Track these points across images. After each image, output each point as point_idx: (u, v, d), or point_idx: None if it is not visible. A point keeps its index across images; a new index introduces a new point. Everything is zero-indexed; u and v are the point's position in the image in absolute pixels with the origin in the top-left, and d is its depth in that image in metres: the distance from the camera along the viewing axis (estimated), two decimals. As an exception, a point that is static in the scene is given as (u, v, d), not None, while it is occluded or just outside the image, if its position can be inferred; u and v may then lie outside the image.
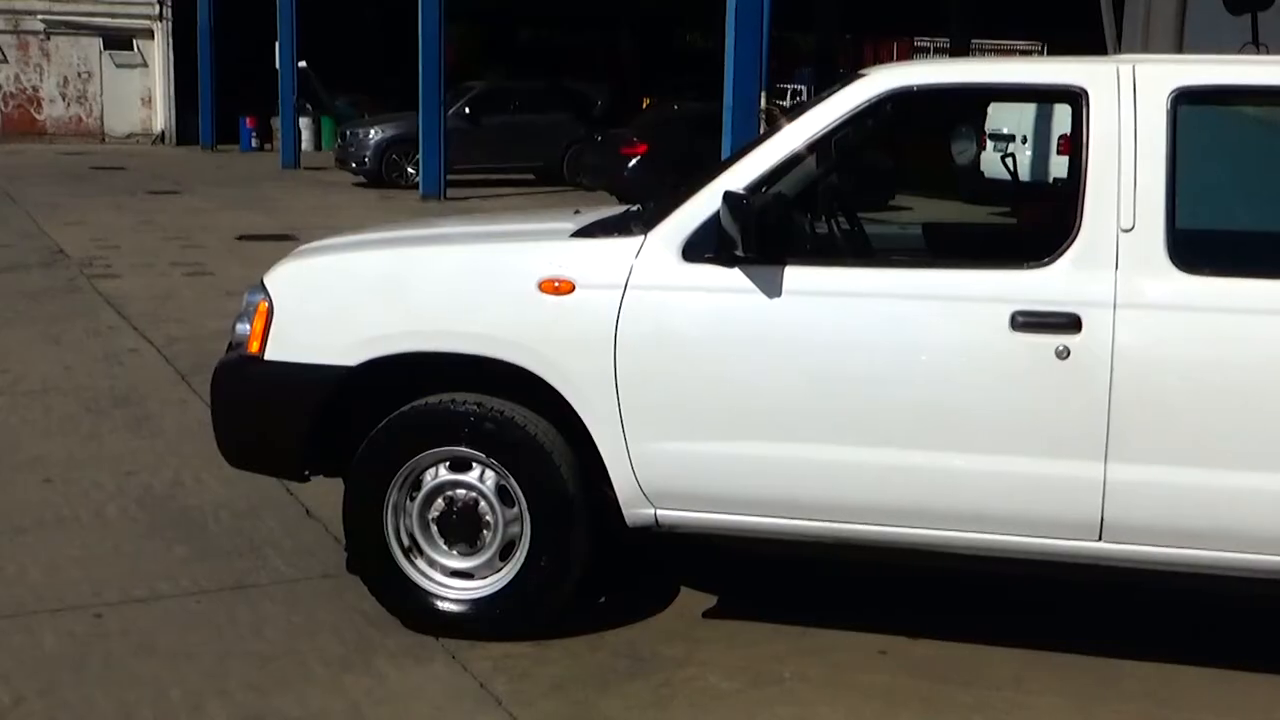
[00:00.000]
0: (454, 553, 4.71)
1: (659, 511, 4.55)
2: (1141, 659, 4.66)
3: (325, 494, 5.46)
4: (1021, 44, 37.84)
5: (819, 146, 4.52)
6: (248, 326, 4.82)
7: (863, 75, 4.55)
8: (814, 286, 4.36)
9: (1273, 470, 4.09)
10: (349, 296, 4.76)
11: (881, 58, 33.19)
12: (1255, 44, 8.40)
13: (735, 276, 4.35)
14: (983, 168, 20.57)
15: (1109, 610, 5.12)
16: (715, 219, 4.32)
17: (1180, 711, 4.35)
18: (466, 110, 23.62)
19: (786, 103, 25.96)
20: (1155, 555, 4.27)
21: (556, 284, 4.48)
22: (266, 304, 4.77)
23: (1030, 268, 4.24)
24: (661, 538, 4.68)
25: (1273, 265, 4.35)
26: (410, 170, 22.97)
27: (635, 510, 4.56)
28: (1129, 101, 4.22)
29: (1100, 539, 4.25)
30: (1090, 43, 9.15)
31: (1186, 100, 4.24)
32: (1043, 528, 4.30)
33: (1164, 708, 4.37)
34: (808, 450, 4.37)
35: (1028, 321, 4.17)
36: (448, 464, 4.66)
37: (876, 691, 4.44)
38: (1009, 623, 4.98)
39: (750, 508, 4.48)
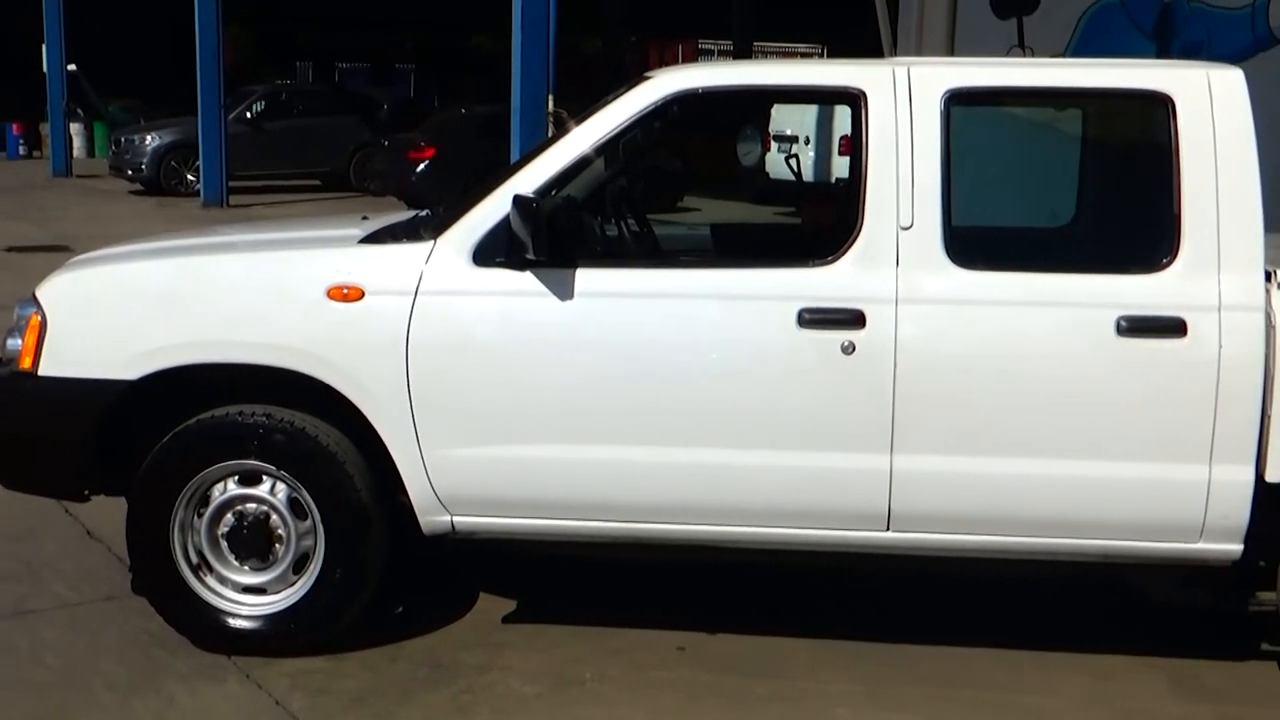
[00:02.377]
0: (245, 568, 4.60)
1: (455, 518, 4.52)
2: (929, 643, 4.81)
3: (107, 514, 5.26)
4: (802, 47, 38.67)
5: (607, 149, 4.54)
6: (19, 341, 4.62)
7: (648, 78, 4.59)
8: (605, 288, 4.38)
9: (1046, 456, 4.27)
10: (128, 308, 4.60)
11: (667, 60, 33.54)
12: (1021, 47, 8.74)
13: (527, 280, 4.35)
14: (767, 168, 20.97)
15: (898, 598, 5.28)
16: (505, 223, 4.31)
17: (965, 691, 4.50)
18: (248, 115, 23.08)
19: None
20: (941, 542, 4.42)
21: (345, 291, 4.41)
22: (39, 317, 4.59)
23: (815, 266, 4.34)
24: (459, 544, 4.65)
25: (1038, 259, 4.54)
26: (190, 177, 22.30)
27: (431, 518, 4.52)
28: (904, 103, 4.35)
29: (888, 529, 4.37)
30: (868, 45, 9.39)
31: (958, 101, 4.39)
32: (833, 520, 4.40)
33: (950, 688, 4.52)
34: (603, 452, 4.39)
35: (814, 318, 4.27)
36: (237, 478, 4.55)
37: (676, 688, 4.49)
38: (803, 614, 5.09)
39: (547, 511, 4.48)
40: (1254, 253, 4.19)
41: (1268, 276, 4.19)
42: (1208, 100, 4.27)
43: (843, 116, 15.24)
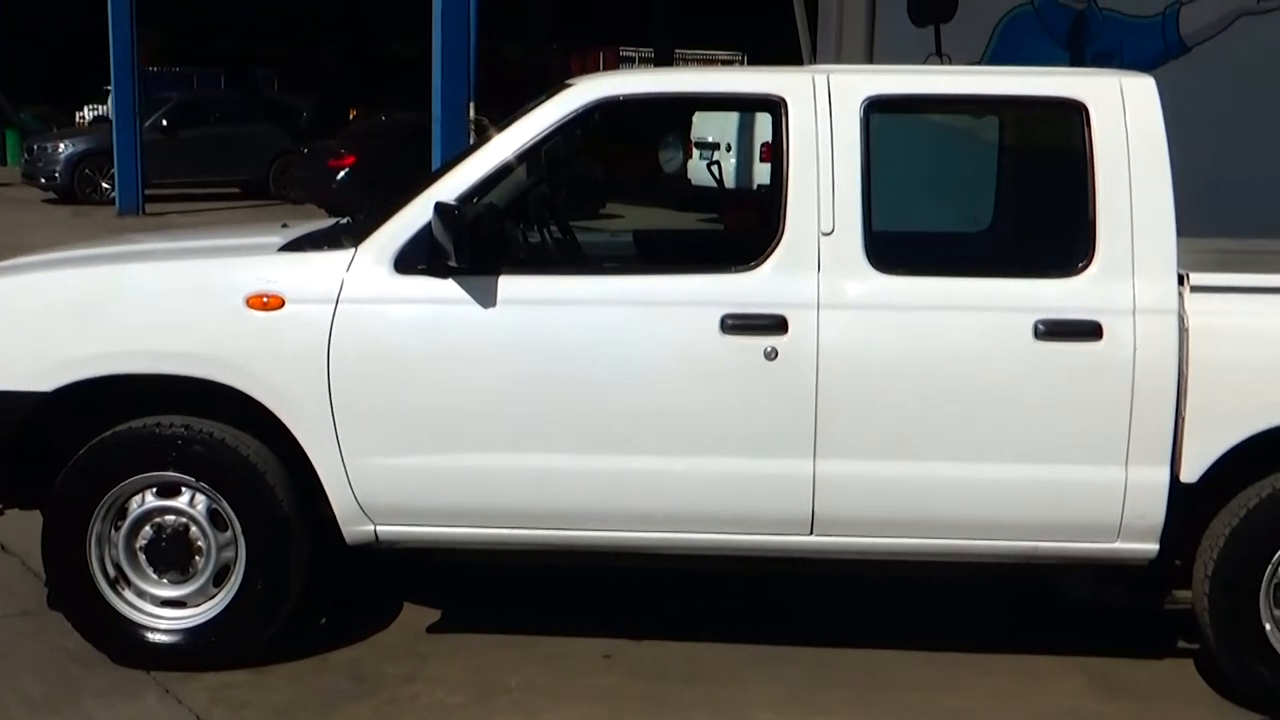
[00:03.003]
0: (164, 581, 4.54)
1: (379, 528, 4.48)
2: (853, 646, 4.84)
3: (22, 528, 5.15)
4: (723, 54, 38.83)
5: (529, 156, 4.53)
6: (-71, 353, 4.52)
7: (570, 85, 4.59)
8: (528, 295, 4.37)
9: (967, 459, 4.32)
10: (42, 318, 4.52)
11: (588, 67, 33.54)
12: (939, 55, 8.84)
13: (449, 287, 4.33)
14: (690, 175, 21.03)
15: (822, 601, 5.31)
16: (427, 230, 4.29)
17: (888, 692, 4.54)
18: (164, 122, 22.78)
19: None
20: (864, 545, 4.45)
21: (265, 299, 4.36)
22: (-50, 328, 4.49)
23: (737, 272, 4.36)
24: (383, 554, 4.62)
25: (957, 263, 4.60)
26: (105, 185, 21.96)
27: (354, 527, 4.49)
28: (825, 110, 4.38)
29: (812, 533, 4.40)
30: (788, 53, 9.45)
31: (878, 108, 4.43)
32: (758, 525, 4.42)
33: (874, 690, 4.55)
34: (528, 459, 4.38)
35: (736, 324, 4.28)
36: (155, 490, 4.49)
37: (603, 695, 4.48)
38: (728, 619, 5.10)
39: (472, 519, 4.46)
40: (1167, 257, 4.26)
41: (1180, 280, 4.27)
42: (1121, 107, 4.34)
43: (764, 123, 15.33)
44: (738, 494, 4.38)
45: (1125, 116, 4.33)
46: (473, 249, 4.23)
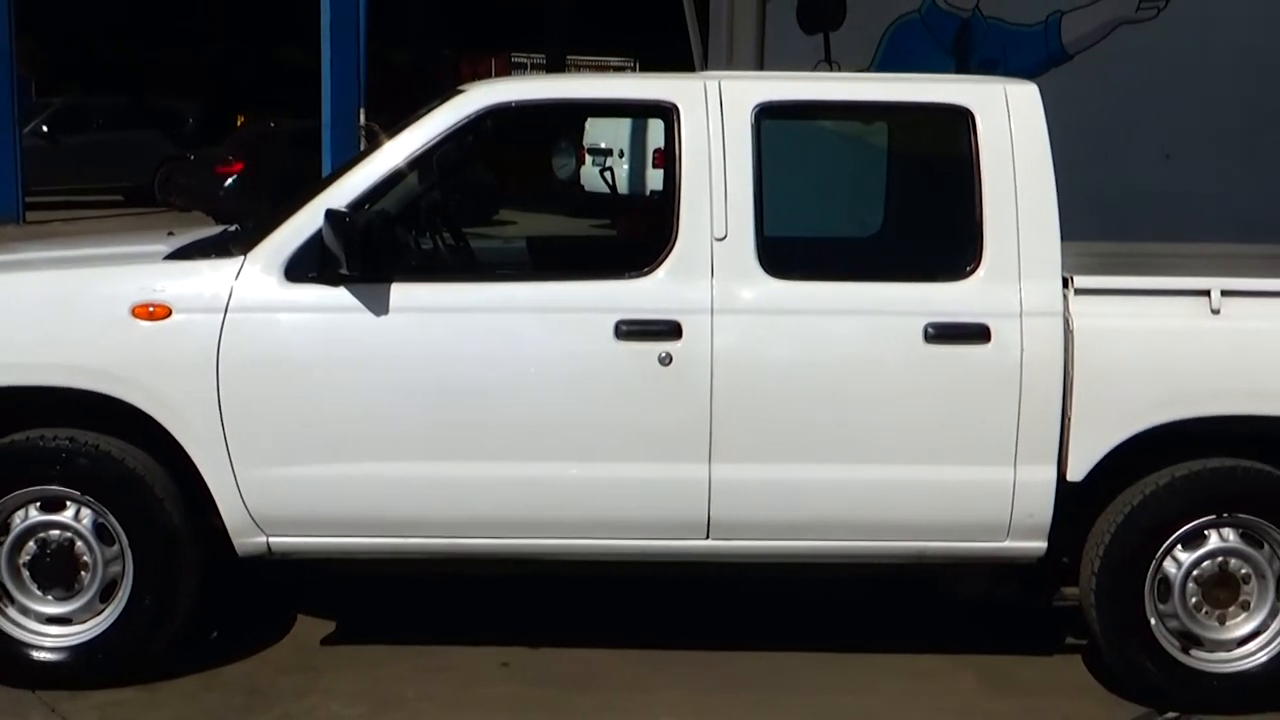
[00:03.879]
0: (49, 598, 4.43)
1: (271, 539, 4.42)
2: (750, 649, 4.86)
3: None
4: (615, 60, 38.90)
5: (421, 163, 4.51)
6: None
7: (461, 91, 4.57)
8: (421, 303, 4.34)
9: (860, 461, 4.36)
10: (-82, 330, 4.40)
11: (479, 73, 33.40)
12: (828, 61, 8.93)
13: (340, 295, 4.29)
14: (582, 181, 21.03)
15: (719, 604, 5.33)
16: (317, 238, 4.24)
17: (785, 695, 4.57)
18: (44, 128, 22.26)
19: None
20: (760, 549, 4.48)
21: (151, 309, 4.28)
22: None
23: (631, 278, 4.36)
24: (275, 565, 4.55)
25: (848, 268, 4.65)
26: (-16, 193, 21.42)
27: (246, 539, 4.42)
28: (716, 116, 4.41)
29: (708, 537, 4.41)
30: (679, 59, 9.49)
31: (769, 114, 4.47)
32: (654, 530, 4.43)
33: (772, 692, 4.58)
34: (423, 468, 4.35)
35: (631, 330, 4.29)
36: (39, 504, 4.38)
37: (501, 704, 4.46)
38: (626, 624, 5.10)
39: (367, 529, 4.42)
40: (1052, 260, 4.34)
41: (1065, 282, 4.35)
42: (1005, 113, 4.42)
43: (656, 129, 15.39)
44: (634, 499, 4.38)
45: (1010, 122, 4.41)
46: (364, 256, 4.20)
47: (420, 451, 4.35)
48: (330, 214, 4.19)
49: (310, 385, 4.32)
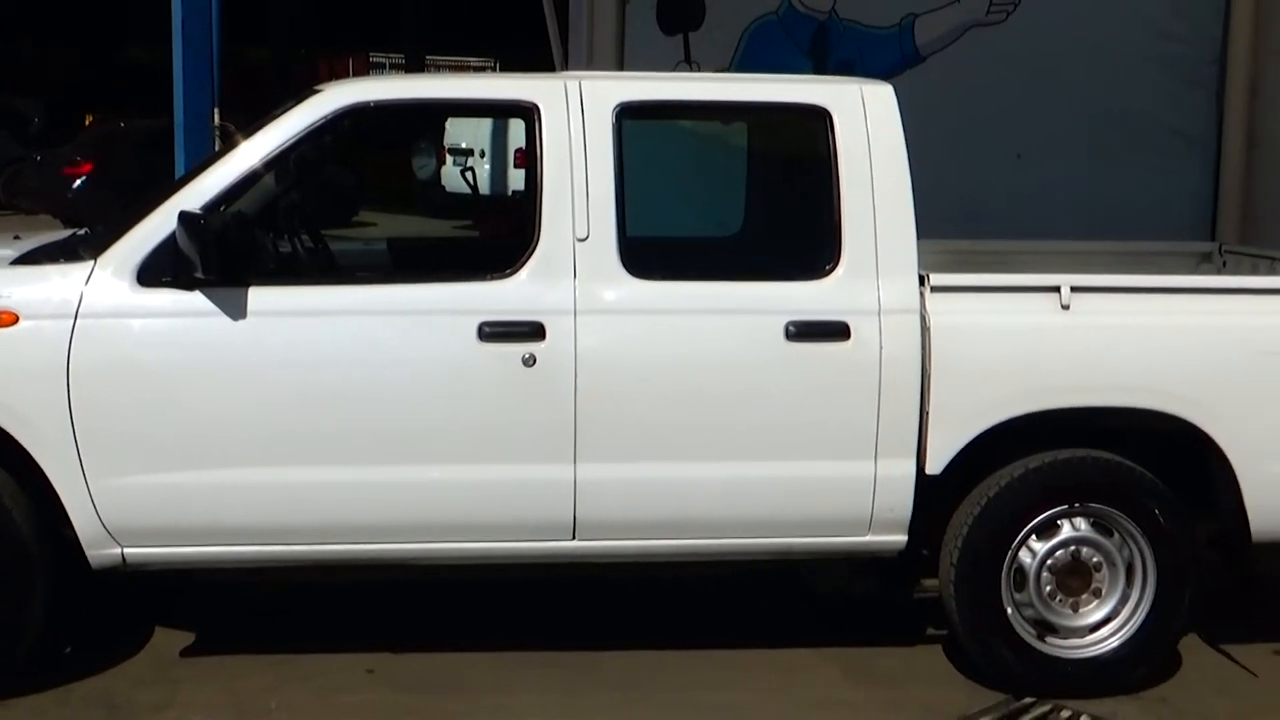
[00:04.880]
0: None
1: (126, 550, 4.31)
2: (618, 648, 4.87)
3: None
4: (475, 60, 38.71)
5: (278, 164, 4.43)
6: None
7: (319, 91, 4.51)
8: (279, 307, 4.27)
9: (725, 459, 4.40)
10: None
11: (337, 73, 32.96)
12: (688, 62, 8.97)
13: (196, 300, 4.20)
14: (443, 182, 20.89)
15: (585, 604, 5.33)
16: (171, 241, 4.16)
17: (653, 693, 4.58)
18: (-122, 130, 21.48)
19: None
20: (626, 548, 4.49)
21: (-3, 315, 4.15)
22: None
23: (494, 279, 4.35)
24: (131, 576, 4.45)
25: (710, 268, 4.69)
26: None
27: (99, 551, 4.31)
28: (577, 116, 4.41)
29: (574, 538, 4.41)
30: (540, 59, 9.47)
31: (629, 114, 4.48)
32: (520, 531, 4.42)
33: (640, 691, 4.59)
34: (284, 474, 4.28)
35: (494, 332, 4.27)
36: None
37: (366, 711, 4.41)
38: (491, 627, 5.08)
39: (227, 537, 4.34)
40: (909, 258, 4.42)
41: (922, 280, 4.43)
42: (862, 114, 4.49)
43: (517, 129, 15.35)
44: (499, 501, 4.37)
45: (867, 123, 4.48)
46: (220, 260, 4.12)
47: (281, 457, 4.28)
48: (184, 216, 4.11)
49: (165, 392, 4.22)
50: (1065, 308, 4.42)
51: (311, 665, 4.70)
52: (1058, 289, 4.44)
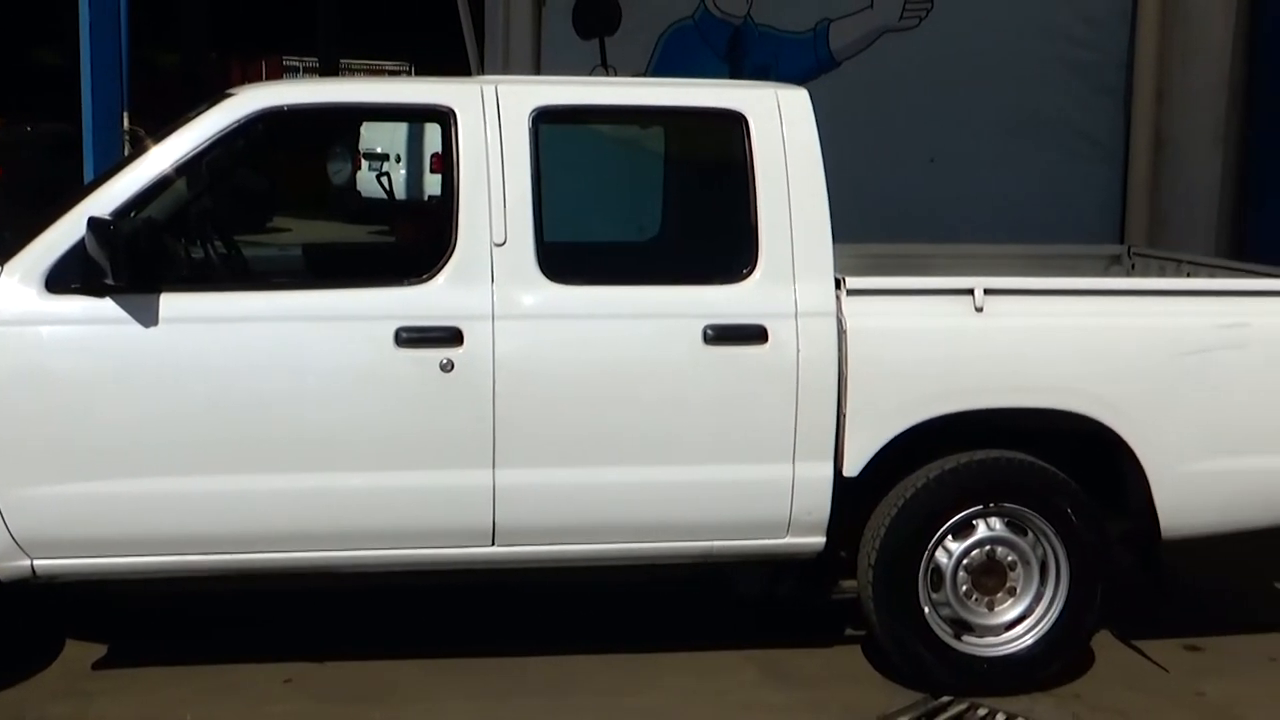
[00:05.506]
0: None
1: (36, 561, 4.23)
2: (539, 654, 4.86)
3: None
4: (390, 64, 38.47)
5: (189, 168, 4.38)
6: None
7: (231, 95, 4.46)
8: (192, 313, 4.22)
9: (644, 464, 4.40)
10: None
11: (250, 77, 32.61)
12: (604, 66, 8.98)
13: (106, 307, 4.14)
14: (359, 187, 20.74)
15: (506, 610, 5.31)
16: (81, 247, 4.09)
17: (575, 697, 4.58)
18: None
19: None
20: (546, 554, 4.49)
21: (-100, 324, 4.06)
22: None
23: (411, 284, 4.32)
24: (42, 588, 4.36)
25: (628, 272, 4.70)
26: None
27: (8, 563, 4.22)
28: (494, 120, 4.39)
29: (493, 543, 4.40)
30: (455, 63, 9.43)
31: (546, 119, 4.47)
32: (440, 538, 4.40)
33: (562, 696, 4.59)
34: (199, 483, 4.23)
35: (411, 337, 4.25)
36: None
37: (285, 722, 4.37)
38: (411, 634, 5.05)
39: (141, 548, 4.27)
40: (825, 261, 4.46)
41: (838, 283, 4.47)
42: (777, 118, 4.51)
43: (434, 134, 15.26)
44: (418, 508, 4.34)
45: (782, 127, 4.50)
46: (131, 266, 4.06)
47: (196, 466, 4.22)
48: (93, 222, 4.04)
49: (76, 400, 4.15)
50: (979, 310, 4.48)
51: (229, 676, 4.64)
52: (971, 292, 4.49)
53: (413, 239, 12.89)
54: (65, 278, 4.14)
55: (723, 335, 4.37)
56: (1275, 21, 7.53)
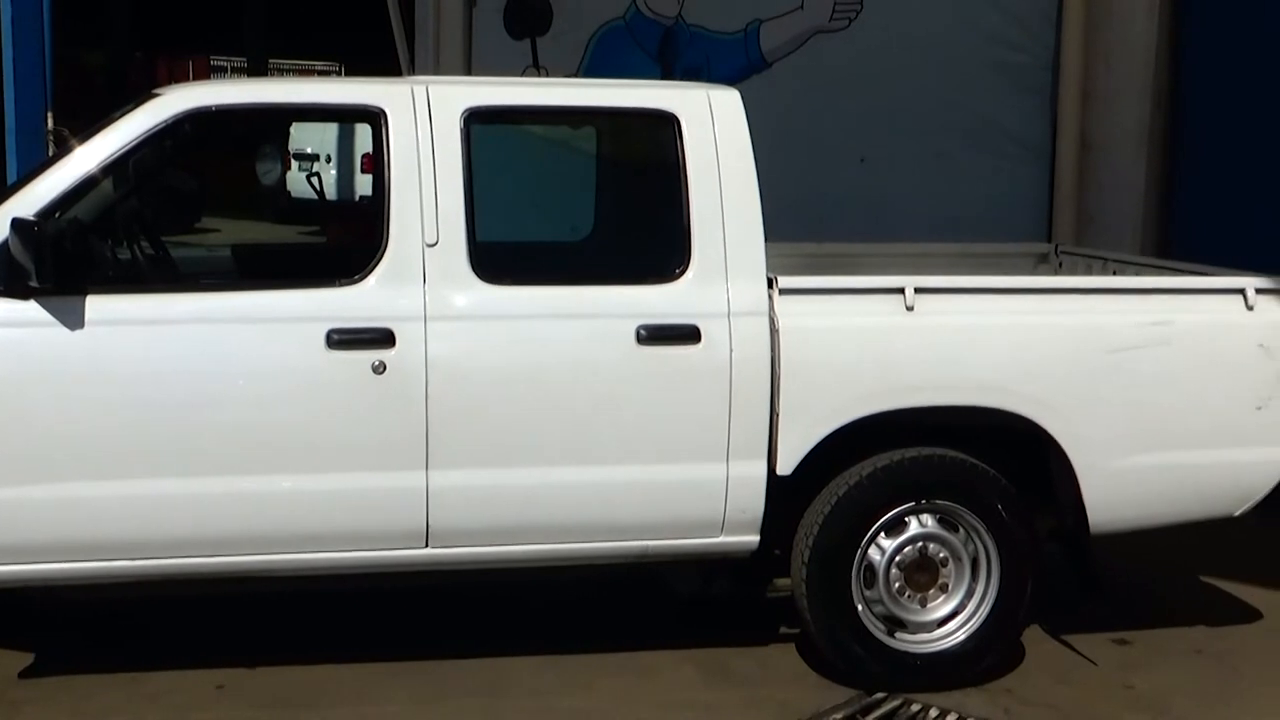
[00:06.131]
0: None
1: (-40, 569, 4.17)
2: (475, 656, 4.85)
3: None
4: (320, 64, 38.19)
5: (116, 169, 4.32)
6: None
7: (158, 94, 4.41)
8: (119, 315, 4.17)
9: (579, 464, 4.40)
10: None
11: (177, 77, 32.27)
12: (536, 67, 8.96)
13: (31, 310, 4.08)
14: (289, 187, 20.56)
15: (441, 612, 5.29)
16: (4, 248, 4.03)
17: (511, 699, 4.57)
18: None
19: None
20: (480, 555, 4.48)
21: None
22: None
23: (342, 285, 4.29)
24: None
25: (560, 272, 4.70)
26: None
27: (-68, 571, 4.15)
28: (425, 121, 4.37)
29: (427, 545, 4.38)
30: (386, 64, 9.37)
31: (478, 119, 4.46)
32: (374, 540, 4.37)
33: (497, 697, 4.57)
34: (127, 487, 4.17)
35: (343, 339, 4.22)
36: None
37: (217, 728, 4.33)
38: (344, 638, 5.01)
39: (68, 554, 4.21)
40: (757, 261, 4.47)
41: (770, 283, 4.49)
42: (709, 119, 4.53)
43: (364, 134, 15.15)
44: (352, 510, 4.31)
45: (714, 128, 4.52)
46: (56, 268, 4.00)
47: (124, 470, 4.17)
48: (17, 223, 3.98)
49: None
50: (910, 309, 4.51)
51: (159, 683, 4.58)
52: (902, 291, 4.52)
53: (344, 240, 12.79)
54: (-12, 280, 4.08)
55: (656, 335, 4.38)
56: (1198, 23, 7.66)
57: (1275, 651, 5.15)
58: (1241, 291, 4.76)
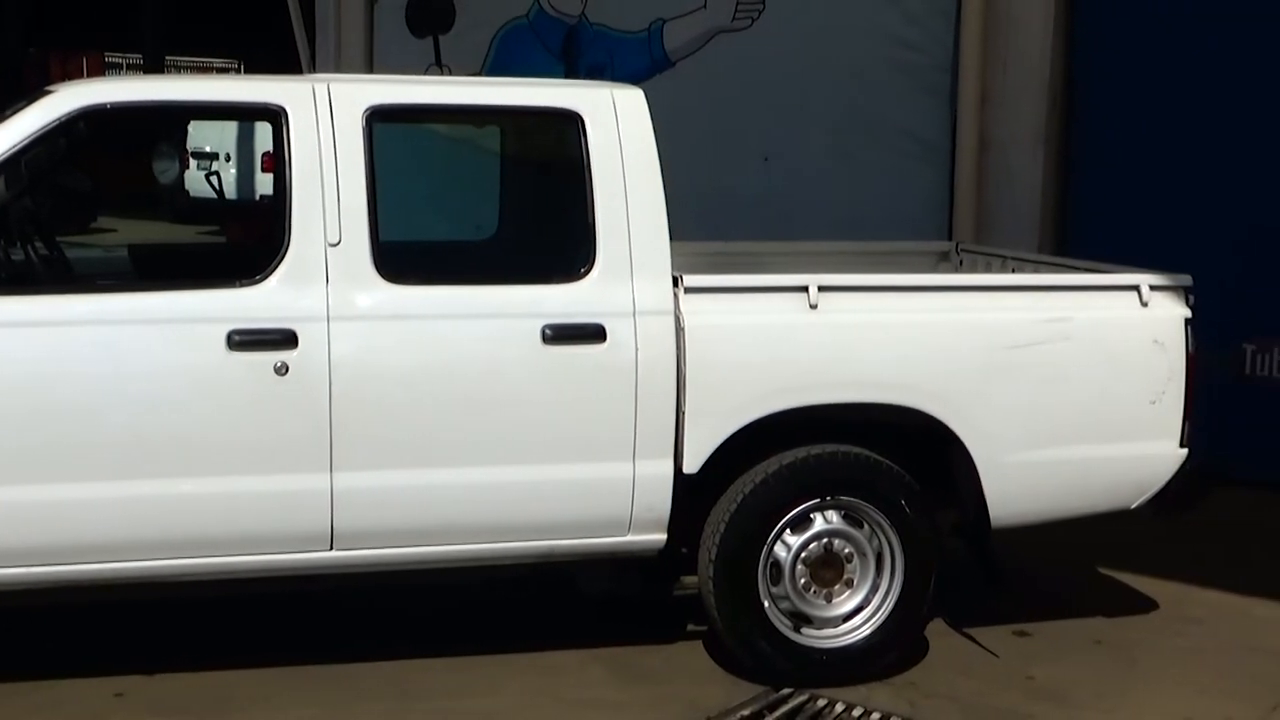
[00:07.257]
0: None
1: None
2: (379, 659, 4.81)
3: None
4: (219, 62, 37.66)
5: (8, 167, 4.23)
6: None
7: (51, 92, 4.32)
8: (11, 317, 4.08)
9: (484, 464, 4.38)
10: None
11: (70, 73, 31.67)
12: (439, 65, 8.92)
13: (-80, 312, 3.97)
14: (188, 186, 20.29)
15: (343, 615, 5.24)
16: (-109, 249, 3.92)
17: (420, 701, 4.54)
18: None
19: None
20: (385, 557, 4.44)
21: None
22: None
23: (242, 286, 4.24)
24: None
25: (465, 272, 4.68)
26: None
27: None
28: (326, 119, 4.33)
29: (332, 548, 4.33)
30: (286, 62, 9.27)
31: (380, 118, 4.42)
32: (277, 543, 4.32)
33: (406, 700, 4.54)
34: (21, 492, 4.08)
35: (244, 340, 4.16)
36: None
37: (116, 737, 4.24)
38: (246, 643, 4.95)
39: (-43, 562, 4.11)
40: (663, 260, 4.48)
41: (675, 282, 4.50)
42: (613, 118, 4.53)
43: (264, 133, 14.98)
44: (254, 513, 4.26)
45: (618, 127, 4.52)
46: (-54, 269, 3.91)
47: (19, 475, 4.07)
48: (-96, 224, 3.88)
49: (-113, 410, 3.98)
50: (813, 307, 4.55)
51: (54, 692, 4.49)
52: (806, 289, 4.56)
53: (244, 239, 12.64)
54: (-126, 282, 3.97)
55: (561, 335, 4.37)
56: (1090, 25, 7.80)
57: (1171, 641, 5.26)
58: (1136, 288, 4.85)
